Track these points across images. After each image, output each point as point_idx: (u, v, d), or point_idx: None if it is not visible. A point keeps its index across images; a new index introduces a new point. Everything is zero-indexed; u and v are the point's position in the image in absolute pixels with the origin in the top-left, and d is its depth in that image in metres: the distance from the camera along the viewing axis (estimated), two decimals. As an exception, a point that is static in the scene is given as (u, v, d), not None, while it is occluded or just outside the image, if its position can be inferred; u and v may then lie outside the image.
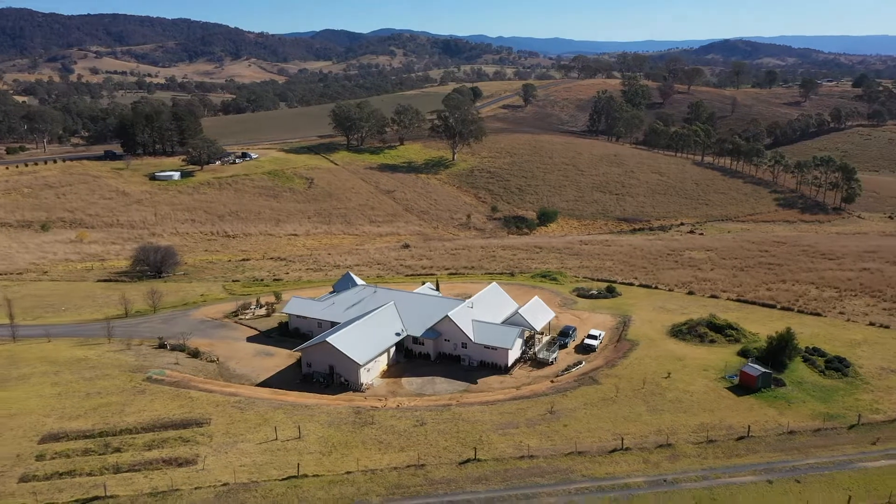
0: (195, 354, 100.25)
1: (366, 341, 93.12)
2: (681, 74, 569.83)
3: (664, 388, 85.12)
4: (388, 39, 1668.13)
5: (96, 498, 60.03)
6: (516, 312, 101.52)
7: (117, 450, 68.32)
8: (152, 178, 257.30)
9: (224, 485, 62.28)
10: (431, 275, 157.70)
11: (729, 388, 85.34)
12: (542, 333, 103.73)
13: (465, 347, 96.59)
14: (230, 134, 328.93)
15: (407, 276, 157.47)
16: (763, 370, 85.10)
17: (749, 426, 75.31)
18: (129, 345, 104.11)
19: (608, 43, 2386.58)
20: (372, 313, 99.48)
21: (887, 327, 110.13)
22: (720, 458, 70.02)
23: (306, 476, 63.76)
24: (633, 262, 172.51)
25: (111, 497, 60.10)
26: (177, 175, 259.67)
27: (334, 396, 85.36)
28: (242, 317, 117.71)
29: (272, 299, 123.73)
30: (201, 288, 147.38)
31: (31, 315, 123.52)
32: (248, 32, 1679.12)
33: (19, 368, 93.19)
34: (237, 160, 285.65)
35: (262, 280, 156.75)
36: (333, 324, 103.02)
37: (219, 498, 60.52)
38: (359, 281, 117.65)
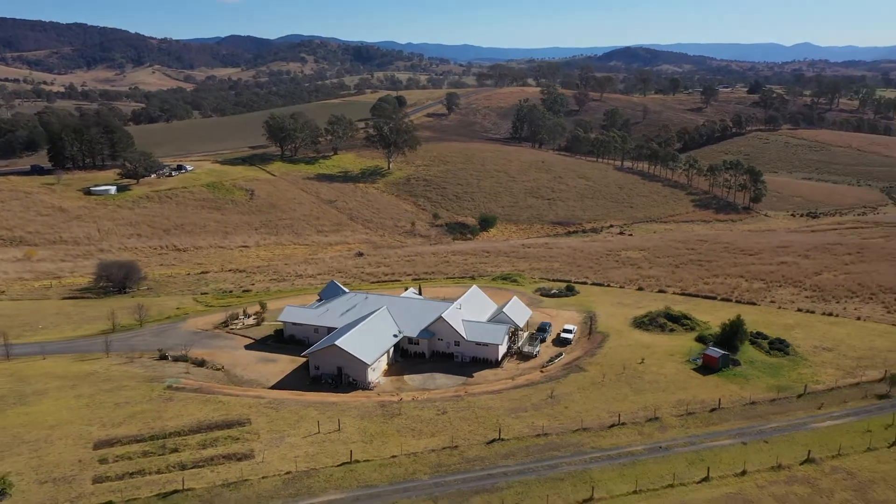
0: (201, 364, 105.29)
1: (369, 343, 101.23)
2: (593, 82, 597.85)
3: (641, 371, 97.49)
4: (298, 46, 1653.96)
5: (175, 491, 66.14)
6: (501, 311, 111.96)
7: (174, 450, 74.16)
8: (87, 192, 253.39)
9: (287, 473, 69.56)
10: (395, 281, 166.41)
11: (695, 370, 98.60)
12: (523, 330, 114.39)
13: (458, 345, 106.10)
14: (147, 146, 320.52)
15: (372, 283, 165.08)
16: (723, 352, 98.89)
17: (719, 399, 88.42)
18: (131, 358, 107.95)
19: (515, 49, 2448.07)
20: (370, 317, 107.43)
21: (812, 312, 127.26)
22: (700, 427, 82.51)
23: (358, 462, 71.82)
24: (578, 262, 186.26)
25: (189, 490, 66.37)
26: (113, 189, 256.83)
27: (348, 395, 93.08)
28: (233, 327, 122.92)
29: (258, 309, 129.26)
30: (173, 301, 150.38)
31: (11, 334, 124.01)
32: (151, 38, 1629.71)
33: (31, 385, 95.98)
34: (173, 173, 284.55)
35: (230, 292, 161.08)
36: (330, 329, 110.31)
37: (286, 485, 67.82)
38: (344, 289, 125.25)
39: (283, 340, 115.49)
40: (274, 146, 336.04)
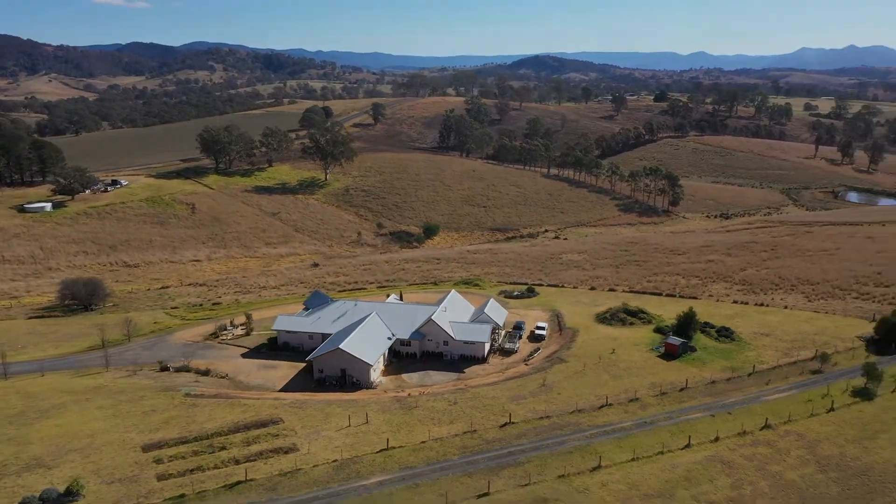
0: (205, 373, 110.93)
1: (369, 345, 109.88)
2: (510, 92, 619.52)
3: (614, 360, 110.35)
4: (206, 54, 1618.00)
5: (239, 482, 73.23)
6: (482, 312, 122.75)
7: (222, 448, 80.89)
8: (21, 210, 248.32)
9: (334, 461, 77.74)
10: (361, 289, 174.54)
11: (659, 357, 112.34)
12: (501, 329, 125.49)
13: (447, 345, 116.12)
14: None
15: (339, 291, 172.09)
16: (682, 340, 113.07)
17: (686, 380, 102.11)
18: (132, 371, 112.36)
19: (427, 58, 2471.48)
20: (364, 322, 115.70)
21: (746, 303, 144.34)
22: (674, 404, 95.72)
23: (393, 448, 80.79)
24: (526, 266, 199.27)
25: (251, 480, 73.64)
26: (48, 206, 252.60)
27: (357, 393, 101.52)
28: (224, 337, 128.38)
29: (244, 320, 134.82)
30: (146, 317, 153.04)
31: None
32: (46, 45, 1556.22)
33: (45, 400, 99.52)
34: (108, 188, 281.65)
35: (200, 305, 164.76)
36: (325, 335, 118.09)
37: (336, 471, 76.07)
38: (329, 297, 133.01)
39: (276, 348, 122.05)
40: (207, 159, 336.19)
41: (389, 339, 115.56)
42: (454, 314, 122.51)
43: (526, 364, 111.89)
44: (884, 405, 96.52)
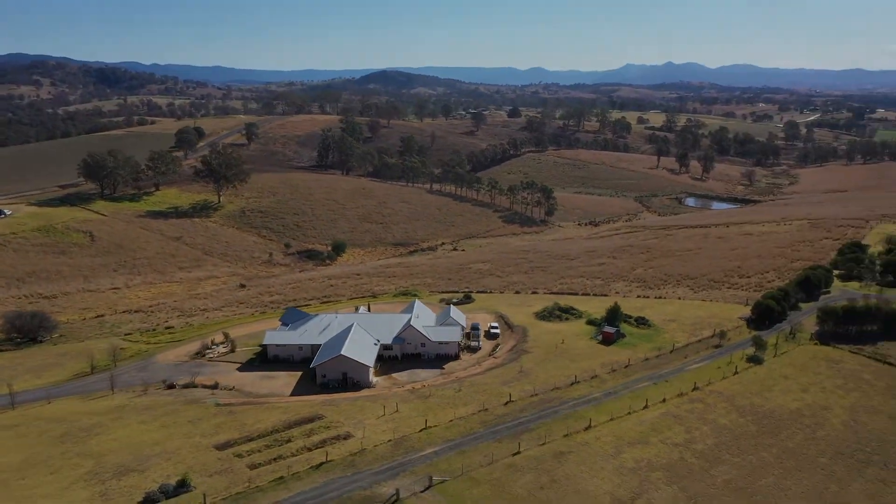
0: (214, 386, 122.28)
1: (364, 351, 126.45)
2: (374, 110, 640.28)
3: (566, 349, 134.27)
4: (31, 67, 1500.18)
5: (322, 463, 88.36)
6: (448, 316, 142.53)
7: (288, 440, 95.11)
8: None
9: (389, 441, 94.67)
10: (305, 305, 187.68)
11: (599, 343, 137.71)
12: (464, 330, 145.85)
13: (424, 346, 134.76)
14: None
15: (284, 309, 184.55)
16: (615, 329, 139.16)
17: (628, 359, 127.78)
18: (143, 391, 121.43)
19: (272, 72, 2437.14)
20: (351, 331, 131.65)
21: (647, 297, 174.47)
22: (624, 378, 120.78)
23: (430, 427, 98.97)
24: (445, 276, 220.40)
25: (331, 461, 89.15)
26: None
27: (367, 391, 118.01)
28: (210, 355, 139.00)
29: (223, 339, 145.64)
30: (104, 344, 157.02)
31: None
32: None
33: (77, 422, 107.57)
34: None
35: (154, 330, 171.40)
36: (314, 346, 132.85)
37: (394, 448, 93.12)
38: (306, 312, 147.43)
39: (267, 361, 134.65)
40: (90, 184, 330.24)
41: (375, 344, 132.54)
42: (424, 320, 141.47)
43: (494, 357, 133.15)
44: (770, 367, 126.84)
